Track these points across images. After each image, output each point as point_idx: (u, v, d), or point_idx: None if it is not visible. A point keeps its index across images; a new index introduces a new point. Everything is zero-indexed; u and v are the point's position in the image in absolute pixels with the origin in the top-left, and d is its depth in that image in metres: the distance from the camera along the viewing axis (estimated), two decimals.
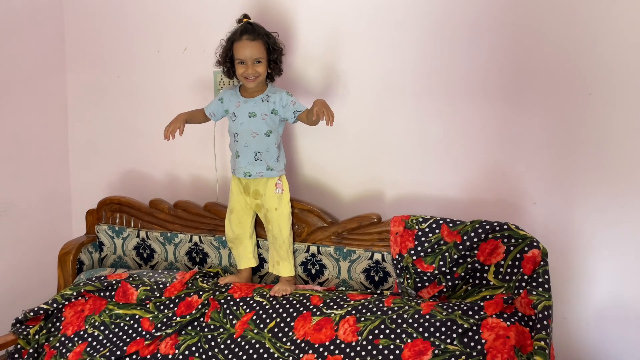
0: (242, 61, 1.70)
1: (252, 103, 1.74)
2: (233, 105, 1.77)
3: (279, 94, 1.74)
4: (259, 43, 1.70)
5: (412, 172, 1.90)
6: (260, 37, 1.70)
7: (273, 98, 1.74)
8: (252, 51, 1.68)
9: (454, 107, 1.82)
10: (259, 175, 1.76)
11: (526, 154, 1.77)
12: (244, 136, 1.74)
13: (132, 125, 2.24)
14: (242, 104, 1.76)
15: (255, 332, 1.64)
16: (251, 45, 1.68)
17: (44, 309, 1.78)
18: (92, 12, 2.22)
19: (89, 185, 2.33)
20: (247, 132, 1.74)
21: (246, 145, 1.75)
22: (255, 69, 1.69)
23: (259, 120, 1.73)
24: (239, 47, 1.70)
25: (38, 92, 2.22)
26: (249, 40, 1.69)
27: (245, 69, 1.70)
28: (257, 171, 1.76)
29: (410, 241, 1.69)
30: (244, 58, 1.69)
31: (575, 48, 1.68)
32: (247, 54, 1.68)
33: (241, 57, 1.69)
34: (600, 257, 1.74)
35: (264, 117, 1.73)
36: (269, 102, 1.73)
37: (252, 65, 1.69)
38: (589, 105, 1.69)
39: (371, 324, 1.55)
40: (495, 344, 1.45)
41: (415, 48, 1.83)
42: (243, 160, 1.76)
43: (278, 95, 1.74)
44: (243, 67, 1.70)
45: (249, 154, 1.75)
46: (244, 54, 1.68)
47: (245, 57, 1.69)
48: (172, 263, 2.02)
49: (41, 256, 2.24)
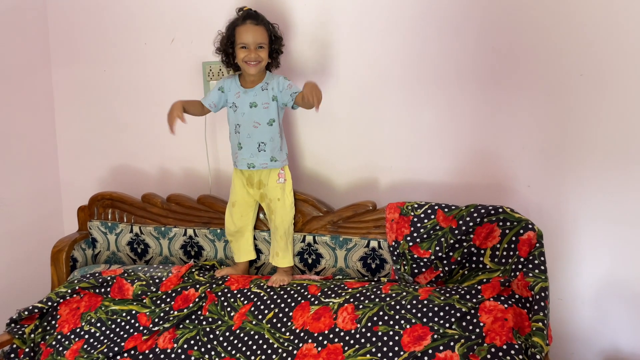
0: (245, 45, 1.67)
1: (253, 93, 1.72)
2: (233, 95, 1.75)
3: (276, 79, 1.73)
4: (262, 29, 1.68)
5: (406, 158, 1.90)
6: (264, 24, 1.69)
7: (271, 85, 1.72)
8: (256, 35, 1.67)
9: (445, 92, 1.82)
10: (263, 166, 1.74)
11: (519, 137, 1.78)
12: (246, 127, 1.72)
13: (121, 119, 2.21)
14: (242, 94, 1.73)
15: (254, 323, 1.63)
16: (255, 30, 1.67)
17: (39, 308, 1.76)
18: (76, 5, 2.18)
19: (79, 181, 2.30)
20: (249, 122, 1.72)
21: (249, 136, 1.72)
22: (258, 53, 1.67)
23: (260, 110, 1.71)
24: (242, 30, 1.67)
25: (23, 88, 2.17)
26: (252, 24, 1.67)
27: (247, 53, 1.67)
28: (261, 162, 1.74)
29: (406, 227, 1.69)
30: (247, 42, 1.67)
31: (565, 29, 1.67)
32: (251, 38, 1.66)
33: (244, 41, 1.67)
34: (595, 236, 1.75)
35: (265, 106, 1.71)
36: (267, 89, 1.72)
37: (255, 50, 1.67)
38: (581, 86, 1.69)
39: (369, 311, 1.55)
40: (494, 326, 1.46)
41: (404, 35, 1.82)
42: (246, 151, 1.74)
43: (275, 80, 1.72)
44: (245, 52, 1.67)
45: (252, 145, 1.73)
46: (248, 38, 1.66)
47: (248, 41, 1.66)
48: (167, 257, 2.01)
49: (33, 254, 2.22)
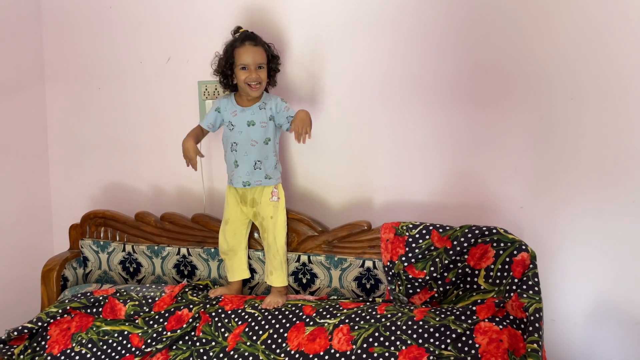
0: (245, 66, 1.69)
1: (250, 111, 1.74)
2: (229, 114, 1.76)
3: (274, 100, 1.75)
4: (260, 49, 1.71)
5: (401, 178, 1.91)
6: (261, 45, 1.72)
7: (269, 105, 1.74)
8: (255, 56, 1.69)
9: (439, 113, 1.84)
10: (258, 183, 1.75)
11: (511, 159, 1.80)
12: (244, 145, 1.73)
13: (114, 137, 2.20)
14: (239, 113, 1.75)
15: (248, 344, 1.62)
16: (254, 51, 1.69)
17: (28, 328, 1.73)
18: (71, 22, 2.18)
19: (70, 199, 2.28)
20: (246, 140, 1.73)
21: (246, 154, 1.74)
22: (258, 74, 1.69)
23: (258, 129, 1.73)
24: (242, 52, 1.69)
25: (16, 104, 2.16)
26: (251, 45, 1.70)
27: (248, 74, 1.69)
28: (256, 180, 1.75)
29: (401, 248, 1.70)
30: (247, 63, 1.68)
31: (557, 53, 1.71)
32: (251, 59, 1.68)
33: (244, 62, 1.69)
34: (587, 258, 1.77)
35: (263, 124, 1.73)
36: (265, 109, 1.74)
37: (256, 70, 1.69)
38: (572, 108, 1.72)
39: (365, 332, 1.55)
40: (489, 347, 1.47)
41: (398, 57, 1.85)
42: (242, 169, 1.74)
43: (274, 101, 1.74)
44: (246, 73, 1.69)
45: (248, 163, 1.74)
46: (248, 59, 1.68)
47: (248, 62, 1.68)
48: (160, 277, 1.99)
49: (23, 273, 2.18)
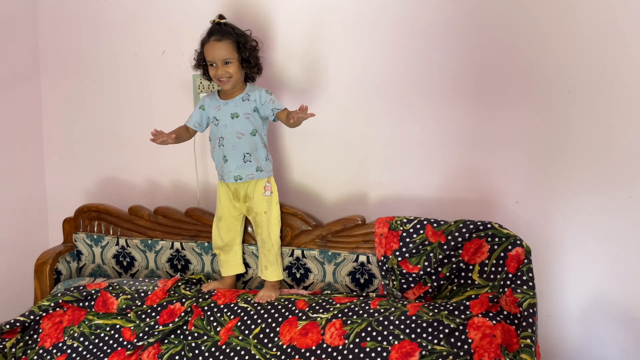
0: (212, 63, 1.68)
1: (233, 104, 1.72)
2: (213, 109, 1.75)
3: (258, 91, 1.72)
4: (226, 43, 1.67)
5: (395, 173, 1.90)
6: (229, 37, 1.67)
7: (253, 96, 1.72)
8: (220, 52, 1.66)
9: (434, 108, 1.83)
10: (250, 177, 1.73)
11: (507, 153, 1.79)
12: (230, 139, 1.72)
13: (109, 131, 2.19)
14: (223, 107, 1.73)
15: (240, 338, 1.61)
16: (218, 47, 1.66)
17: (21, 321, 1.72)
18: (67, 15, 2.17)
19: (65, 193, 2.28)
20: (232, 134, 1.71)
21: (233, 147, 1.72)
22: (225, 69, 1.67)
23: (242, 120, 1.71)
24: (208, 48, 1.68)
25: (11, 97, 2.15)
26: (216, 41, 1.67)
27: (215, 70, 1.68)
28: (248, 173, 1.73)
29: (395, 242, 1.69)
30: (212, 59, 1.67)
31: (553, 47, 1.70)
32: (215, 55, 1.66)
33: (210, 58, 1.68)
34: (583, 254, 1.76)
35: (247, 116, 1.71)
36: (249, 100, 1.72)
37: (222, 66, 1.67)
38: (569, 103, 1.71)
39: (358, 326, 1.54)
40: (482, 343, 1.46)
41: (394, 51, 1.84)
42: (232, 163, 1.72)
43: (257, 92, 1.72)
44: (214, 69, 1.69)
45: (237, 157, 1.72)
46: (212, 55, 1.67)
47: (213, 58, 1.67)
48: (153, 271, 1.98)
49: (17, 266, 2.18)
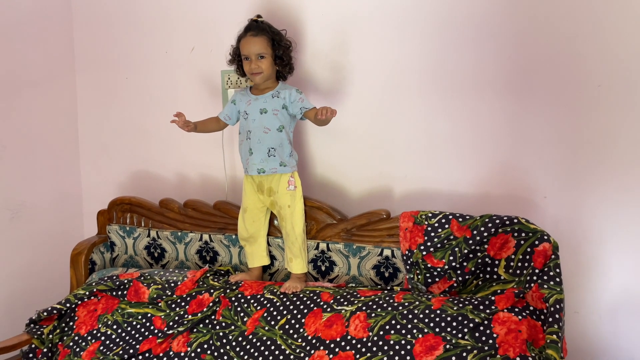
0: (247, 57, 1.74)
1: (263, 99, 1.77)
2: (244, 104, 1.80)
3: (289, 90, 1.77)
4: (262, 38, 1.73)
5: (421, 168, 1.90)
6: (265, 33, 1.74)
7: (283, 94, 1.76)
8: (255, 47, 1.72)
9: (461, 103, 1.82)
10: (273, 171, 1.77)
11: (535, 148, 1.76)
12: (257, 133, 1.76)
13: (141, 126, 2.26)
14: (253, 102, 1.78)
15: (267, 329, 1.64)
16: (254, 41, 1.73)
17: (57, 309, 1.80)
18: (100, 13, 2.24)
19: (99, 186, 2.35)
20: (259, 128, 1.76)
21: (259, 141, 1.76)
22: (258, 64, 1.73)
23: (270, 116, 1.75)
24: (244, 43, 1.75)
25: (48, 94, 2.24)
26: (252, 36, 1.73)
27: (249, 64, 1.74)
28: (271, 167, 1.76)
29: (420, 236, 1.69)
30: (247, 53, 1.74)
31: (583, 40, 1.67)
32: (251, 49, 1.73)
33: (245, 52, 1.74)
34: (612, 250, 1.72)
35: (275, 112, 1.75)
36: (279, 97, 1.76)
37: (256, 60, 1.73)
38: (598, 97, 1.68)
39: (382, 319, 1.55)
40: (507, 338, 1.45)
41: (421, 45, 1.83)
42: (257, 156, 1.77)
43: (288, 91, 1.77)
44: (248, 64, 1.75)
45: (262, 150, 1.76)
46: (248, 49, 1.73)
47: (249, 52, 1.73)
48: (183, 262, 2.03)
49: (53, 257, 2.26)
